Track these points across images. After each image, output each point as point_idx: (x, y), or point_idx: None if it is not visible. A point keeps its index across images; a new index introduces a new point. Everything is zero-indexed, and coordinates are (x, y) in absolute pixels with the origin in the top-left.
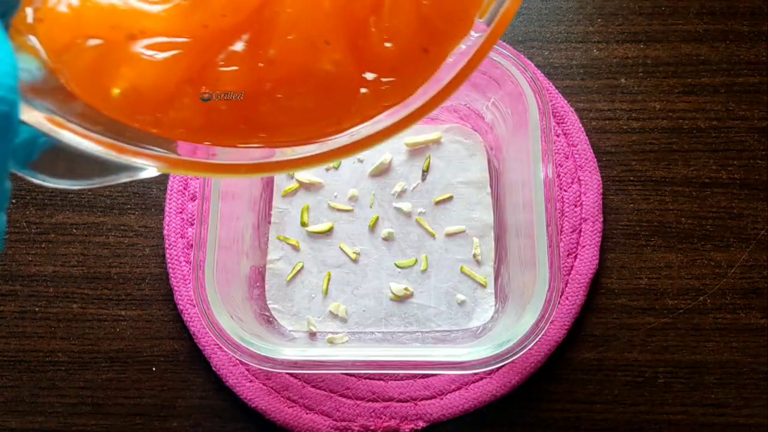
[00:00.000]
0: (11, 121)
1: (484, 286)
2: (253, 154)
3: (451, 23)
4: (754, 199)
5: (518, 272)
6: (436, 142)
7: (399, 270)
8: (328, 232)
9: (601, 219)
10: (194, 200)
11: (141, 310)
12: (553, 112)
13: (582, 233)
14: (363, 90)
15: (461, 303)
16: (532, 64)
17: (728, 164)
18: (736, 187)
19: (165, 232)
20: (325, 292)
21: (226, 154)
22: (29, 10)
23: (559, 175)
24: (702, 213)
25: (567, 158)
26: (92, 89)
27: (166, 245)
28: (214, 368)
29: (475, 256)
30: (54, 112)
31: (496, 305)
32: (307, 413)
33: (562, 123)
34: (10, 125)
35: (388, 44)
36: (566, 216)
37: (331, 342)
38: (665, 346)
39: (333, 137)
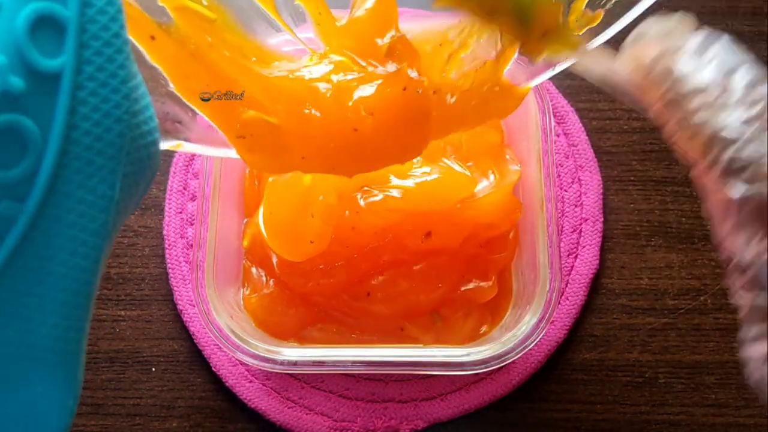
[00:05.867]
0: (158, 146)
1: None
2: None
3: None
4: None
5: (518, 272)
6: None
7: None
8: None
9: (602, 219)
10: (194, 200)
11: (141, 310)
12: (553, 112)
13: (582, 233)
14: None
15: None
16: None
17: None
18: None
19: (165, 232)
20: None
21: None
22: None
23: (559, 175)
24: (702, 213)
25: (567, 158)
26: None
27: (166, 245)
28: (214, 368)
29: None
30: None
31: None
32: (307, 414)
33: (563, 123)
34: (157, 149)
35: None
36: (566, 216)
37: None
38: (666, 346)
39: None
